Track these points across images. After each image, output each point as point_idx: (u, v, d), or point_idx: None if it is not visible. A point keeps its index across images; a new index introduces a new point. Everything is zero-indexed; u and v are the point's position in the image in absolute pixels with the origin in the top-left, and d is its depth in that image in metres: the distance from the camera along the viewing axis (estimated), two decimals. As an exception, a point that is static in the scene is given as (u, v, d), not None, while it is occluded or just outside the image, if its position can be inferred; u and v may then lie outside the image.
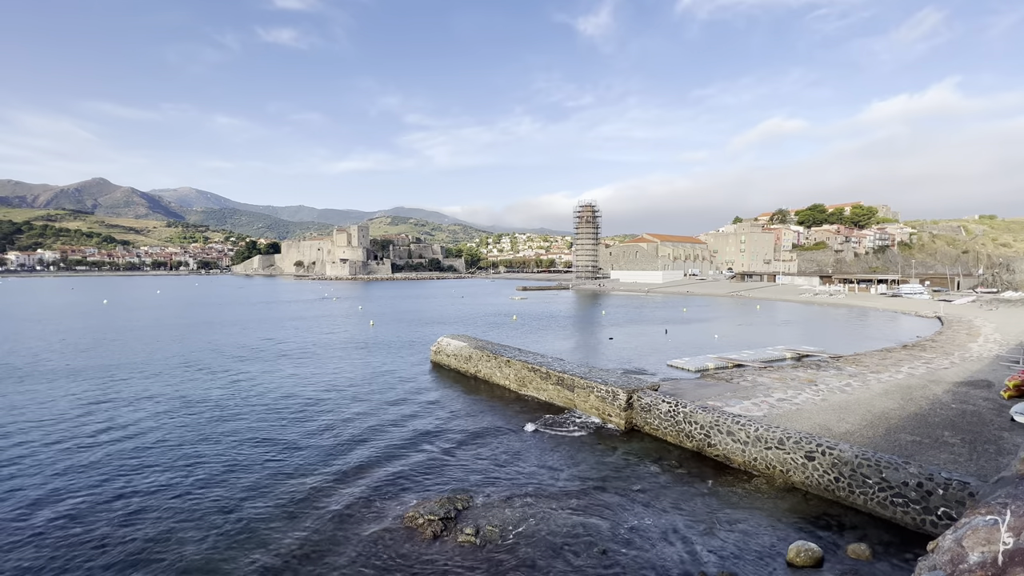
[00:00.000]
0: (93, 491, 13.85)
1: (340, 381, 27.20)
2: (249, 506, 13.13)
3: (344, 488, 14.25)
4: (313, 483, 14.53)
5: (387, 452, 16.97)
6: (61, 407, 21.74)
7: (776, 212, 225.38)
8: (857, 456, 13.18)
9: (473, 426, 19.80)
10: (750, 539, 11.64)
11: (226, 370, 29.78)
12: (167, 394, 24.16)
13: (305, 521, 12.42)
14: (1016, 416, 16.31)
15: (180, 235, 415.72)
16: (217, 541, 11.50)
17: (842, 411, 17.98)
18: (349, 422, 20.15)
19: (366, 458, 16.44)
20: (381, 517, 12.65)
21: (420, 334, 45.86)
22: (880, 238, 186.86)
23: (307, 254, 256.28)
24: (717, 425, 16.48)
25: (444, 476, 15.12)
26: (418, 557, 10.97)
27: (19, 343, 39.22)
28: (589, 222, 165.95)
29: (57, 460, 15.95)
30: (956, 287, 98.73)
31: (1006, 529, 3.56)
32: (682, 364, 29.29)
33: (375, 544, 11.46)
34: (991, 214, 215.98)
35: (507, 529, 12.02)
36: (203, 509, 12.93)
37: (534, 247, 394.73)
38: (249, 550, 11.17)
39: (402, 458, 16.47)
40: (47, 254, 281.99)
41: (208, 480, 14.66)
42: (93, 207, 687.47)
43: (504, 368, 25.89)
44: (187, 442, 17.71)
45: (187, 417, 20.59)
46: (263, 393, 24.53)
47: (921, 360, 27.95)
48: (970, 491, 11.02)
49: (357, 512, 12.90)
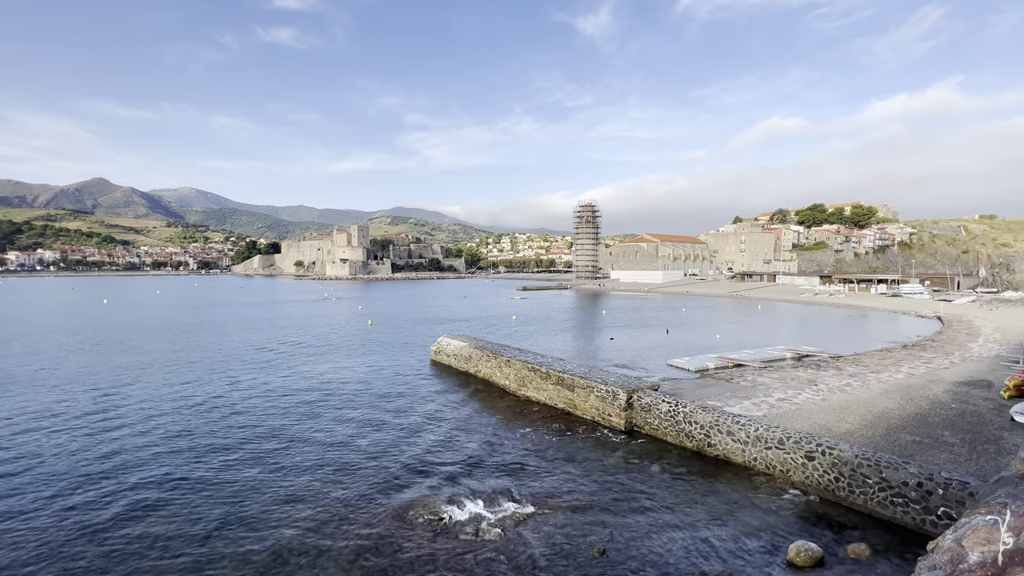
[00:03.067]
0: (90, 489, 13.91)
1: (340, 380, 27.20)
2: (247, 504, 13.13)
3: (343, 487, 14.24)
4: (311, 482, 14.53)
5: (386, 451, 16.97)
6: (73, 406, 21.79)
7: (776, 212, 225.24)
8: (857, 456, 13.19)
9: (472, 426, 19.80)
10: (750, 539, 11.64)
11: (225, 370, 29.80)
12: (167, 395, 24.18)
13: (303, 520, 12.41)
14: (1016, 416, 16.31)
15: (180, 235, 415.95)
16: (216, 540, 11.50)
17: (842, 411, 17.98)
18: (348, 422, 20.16)
19: (365, 457, 16.44)
20: (381, 516, 12.65)
21: (420, 334, 45.88)
22: (880, 238, 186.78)
23: (307, 254, 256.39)
24: (717, 425, 16.48)
25: (443, 475, 15.11)
26: (418, 556, 10.97)
27: (32, 344, 39.25)
28: (589, 222, 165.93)
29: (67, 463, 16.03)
30: (956, 287, 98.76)
31: (1006, 529, 3.56)
32: (682, 364, 29.28)
33: (374, 543, 11.45)
34: (991, 214, 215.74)
35: (507, 528, 12.03)
36: (203, 508, 12.94)
37: (534, 247, 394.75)
38: (247, 548, 11.17)
39: (401, 457, 16.47)
40: (47, 254, 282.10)
41: (207, 480, 14.66)
42: (93, 207, 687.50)
43: (504, 368, 25.89)
44: (186, 441, 17.70)
45: (186, 417, 20.61)
46: (262, 393, 24.53)
47: (921, 360, 27.95)
48: (970, 491, 11.02)
49: (357, 511, 12.90)
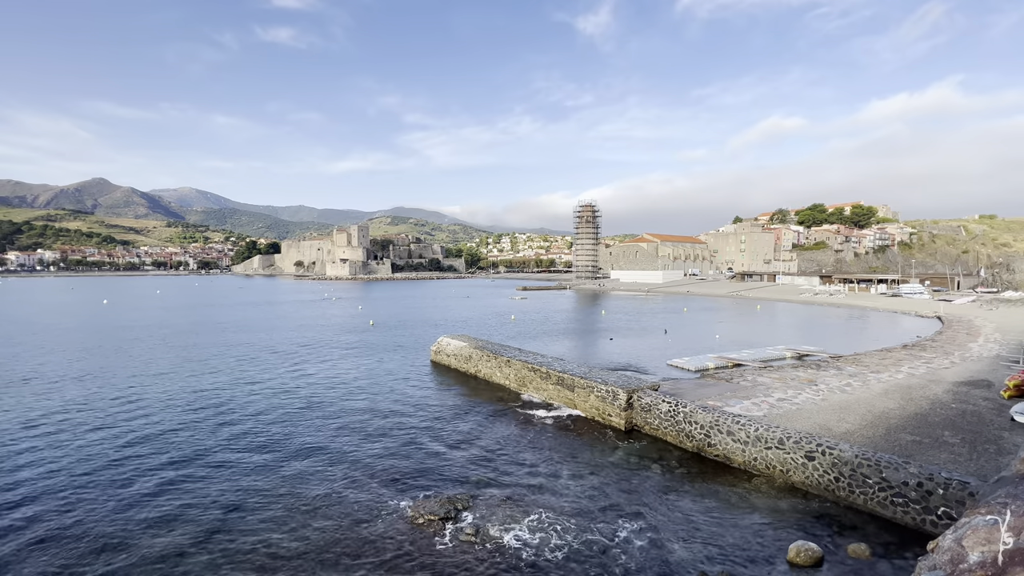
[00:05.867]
0: (88, 485, 13.92)
1: (340, 381, 27.20)
2: (248, 504, 13.13)
3: (344, 487, 14.24)
4: (312, 482, 14.53)
5: (387, 452, 16.98)
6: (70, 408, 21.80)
7: (776, 212, 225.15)
8: (857, 456, 13.19)
9: (473, 426, 19.80)
10: (750, 539, 11.65)
11: (225, 371, 29.79)
12: (168, 395, 24.18)
13: (304, 520, 12.42)
14: (1016, 416, 16.32)
15: (180, 235, 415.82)
16: (216, 539, 11.52)
17: (842, 411, 17.98)
18: (348, 422, 20.16)
19: (366, 458, 16.44)
20: (381, 516, 12.65)
21: (420, 334, 45.88)
22: (880, 238, 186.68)
23: (307, 254, 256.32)
24: (717, 425, 16.48)
25: (444, 476, 15.11)
26: (418, 556, 10.97)
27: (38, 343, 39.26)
28: (589, 222, 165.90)
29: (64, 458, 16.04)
30: (956, 287, 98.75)
31: (1006, 529, 3.56)
32: (682, 364, 29.28)
33: (375, 543, 11.46)
34: (991, 214, 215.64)
35: (507, 529, 12.03)
36: (202, 508, 12.95)
37: (534, 247, 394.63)
38: (248, 548, 11.18)
39: (402, 458, 16.47)
40: (47, 254, 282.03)
41: (206, 479, 14.68)
42: (93, 207, 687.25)
43: (504, 368, 25.89)
44: (184, 442, 17.71)
45: (186, 417, 20.60)
46: (263, 393, 24.53)
47: (921, 360, 27.95)
48: (970, 491, 11.03)
49: (357, 511, 12.90)
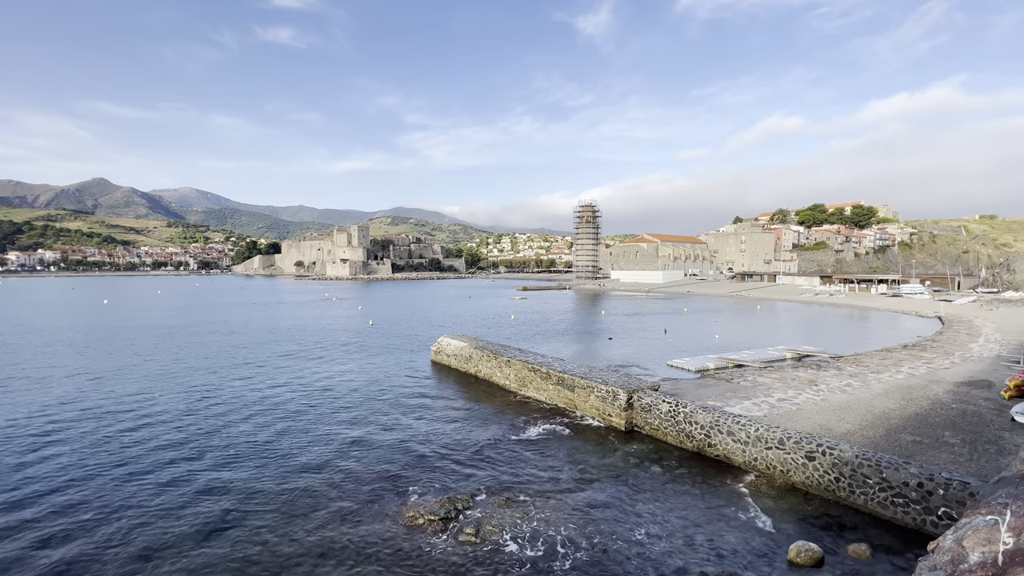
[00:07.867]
0: (87, 482, 13.93)
1: (340, 381, 27.20)
2: (248, 505, 13.13)
3: (344, 487, 14.25)
4: (312, 482, 14.54)
5: (387, 451, 16.98)
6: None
7: (776, 212, 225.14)
8: (857, 456, 13.19)
9: (473, 426, 19.80)
10: (751, 539, 11.64)
11: (225, 371, 29.80)
12: (166, 395, 24.19)
13: (304, 520, 12.42)
14: (1016, 416, 16.30)
15: (180, 235, 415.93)
16: (216, 539, 11.52)
17: (842, 411, 17.97)
18: (349, 422, 20.16)
19: (366, 458, 16.44)
20: (381, 517, 12.65)
21: (420, 334, 45.88)
22: (880, 238, 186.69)
23: (307, 254, 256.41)
24: (717, 425, 16.48)
25: (444, 476, 15.11)
26: (418, 557, 10.97)
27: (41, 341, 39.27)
28: (589, 222, 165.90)
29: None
30: (956, 287, 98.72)
31: (1006, 529, 3.56)
32: (682, 364, 29.28)
33: (375, 544, 11.46)
34: (991, 214, 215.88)
35: (507, 529, 12.03)
36: (202, 508, 12.94)
37: (534, 247, 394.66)
38: (248, 548, 11.18)
39: (402, 458, 16.47)
40: (48, 254, 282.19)
41: (203, 479, 14.68)
42: (93, 207, 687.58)
43: (504, 368, 25.89)
44: (184, 441, 17.72)
45: (184, 417, 20.61)
46: (263, 394, 24.53)
47: (921, 360, 27.94)
48: (970, 491, 11.03)
49: (357, 511, 12.90)
